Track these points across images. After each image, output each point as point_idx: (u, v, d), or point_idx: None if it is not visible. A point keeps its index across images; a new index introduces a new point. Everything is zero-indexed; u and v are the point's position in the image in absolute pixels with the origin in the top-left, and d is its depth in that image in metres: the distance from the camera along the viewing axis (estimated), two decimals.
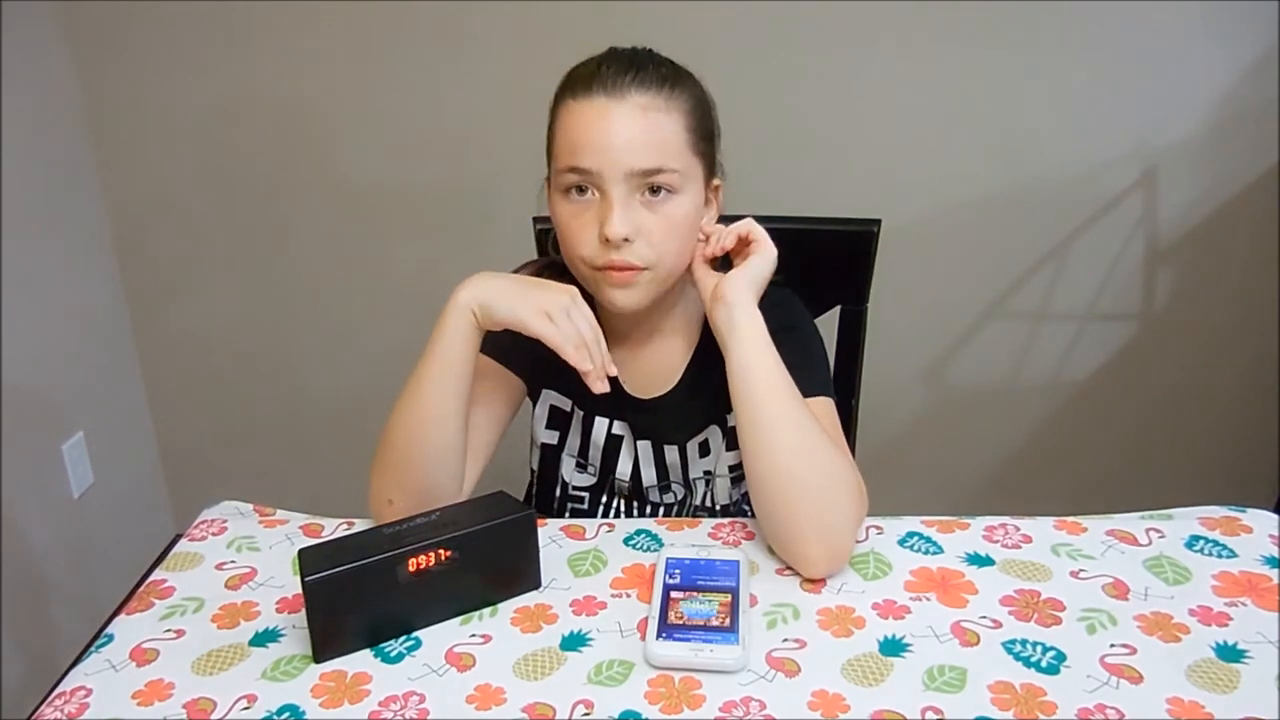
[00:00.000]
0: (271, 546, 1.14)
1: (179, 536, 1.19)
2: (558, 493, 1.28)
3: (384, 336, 2.47)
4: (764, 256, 1.12)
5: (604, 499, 1.29)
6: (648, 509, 1.29)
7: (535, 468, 1.29)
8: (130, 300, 2.52)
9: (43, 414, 2.24)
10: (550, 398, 1.25)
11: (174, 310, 2.53)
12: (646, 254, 1.09)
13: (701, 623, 0.96)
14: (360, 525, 1.17)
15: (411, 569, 0.97)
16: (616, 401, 1.24)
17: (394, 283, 2.45)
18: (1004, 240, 2.38)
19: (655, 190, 1.08)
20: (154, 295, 2.52)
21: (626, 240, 1.07)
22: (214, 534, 1.17)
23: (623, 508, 1.29)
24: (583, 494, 1.29)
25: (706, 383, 1.20)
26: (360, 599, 0.95)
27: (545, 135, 1.14)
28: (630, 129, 1.05)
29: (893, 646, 0.95)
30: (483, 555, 1.01)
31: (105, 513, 2.47)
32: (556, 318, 1.04)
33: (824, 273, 1.42)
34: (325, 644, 0.95)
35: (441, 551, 0.98)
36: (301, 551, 0.96)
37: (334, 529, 1.17)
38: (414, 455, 1.10)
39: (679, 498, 1.27)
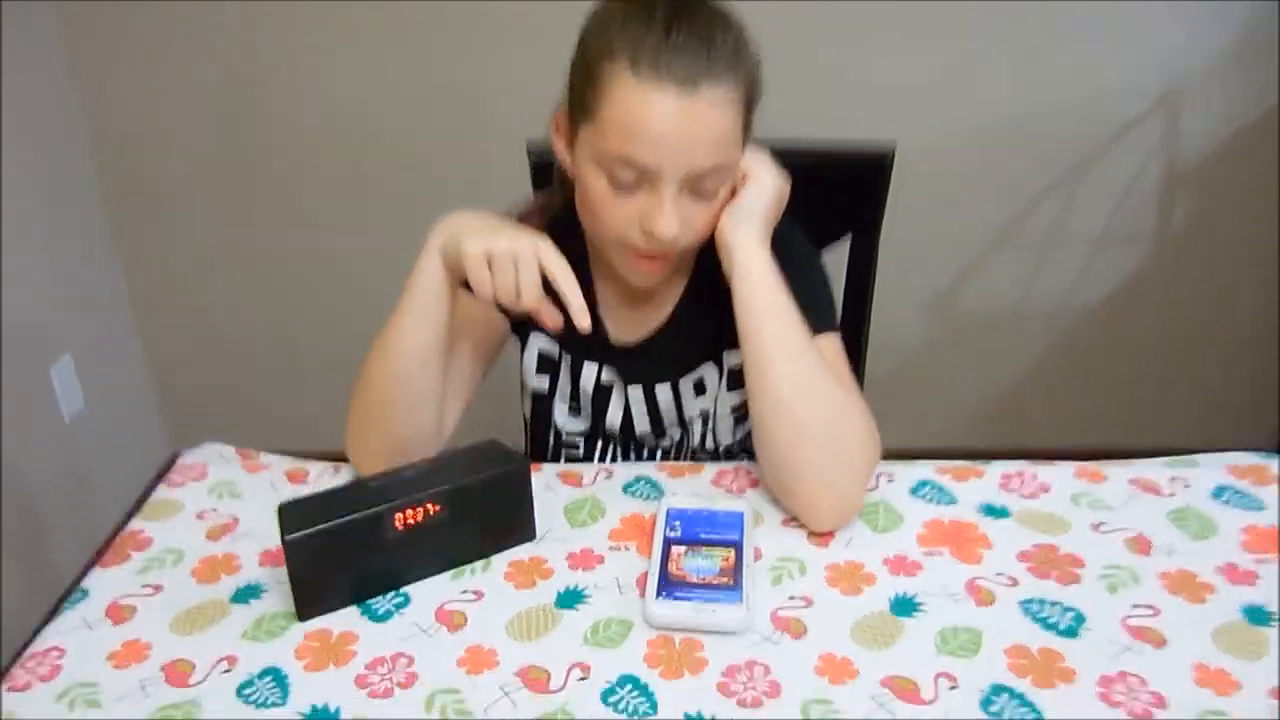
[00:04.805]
0: (254, 493, 1.10)
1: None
2: (552, 441, 1.23)
3: (376, 258, 2.39)
4: (757, 185, 1.03)
5: (599, 445, 1.23)
6: (645, 453, 1.24)
7: (528, 415, 1.24)
8: (114, 220, 2.44)
9: (29, 337, 2.18)
10: (538, 341, 1.19)
11: (160, 229, 2.45)
12: (684, 241, 1.02)
13: (703, 580, 0.91)
14: (347, 470, 1.12)
15: (399, 524, 0.92)
16: (602, 348, 1.18)
17: (386, 205, 2.37)
18: (1017, 164, 2.29)
19: (706, 183, 0.99)
20: (139, 214, 2.43)
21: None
22: (194, 479, 1.12)
23: (619, 454, 1.24)
24: (577, 440, 1.23)
25: (701, 319, 1.14)
26: (345, 556, 0.91)
27: (571, 72, 1.02)
28: (700, 130, 0.95)
29: (904, 606, 0.90)
30: (474, 508, 0.96)
31: (99, 435, 2.43)
32: (498, 265, 0.96)
33: (834, 201, 1.34)
34: (309, 602, 0.91)
35: (430, 505, 0.93)
36: (282, 507, 0.91)
37: (319, 474, 1.13)
38: (390, 402, 1.05)
39: (675, 440, 1.22)
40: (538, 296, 0.97)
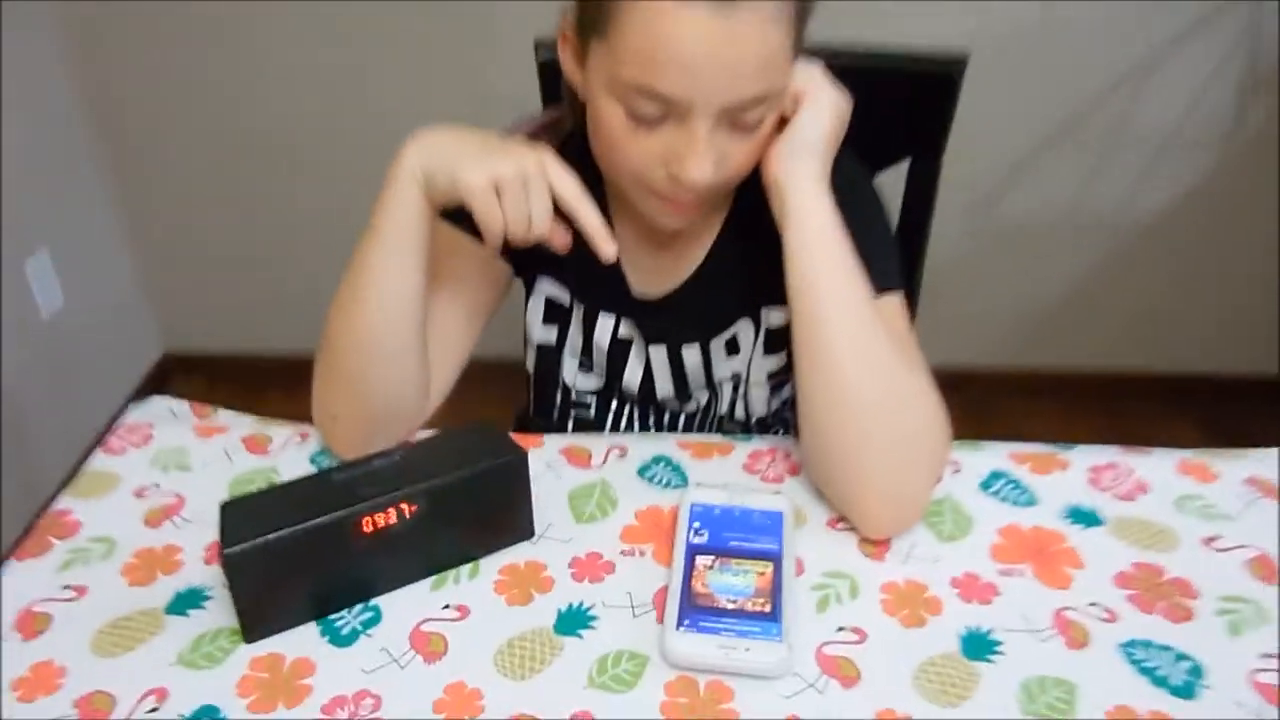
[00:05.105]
0: (205, 465, 0.93)
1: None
2: (559, 399, 1.06)
3: (374, 145, 2.19)
4: (814, 110, 0.83)
5: (614, 405, 1.06)
6: (665, 417, 1.06)
7: (531, 371, 1.06)
8: (92, 101, 2.25)
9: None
10: (546, 287, 1.01)
11: (142, 110, 2.25)
12: (719, 181, 0.83)
13: (735, 605, 0.75)
14: (315, 438, 0.96)
15: (366, 528, 0.76)
16: (621, 299, 1.00)
17: (384, 87, 2.16)
18: (1078, 56, 2.06)
19: (748, 114, 0.80)
20: (119, 94, 2.24)
21: None
22: (136, 445, 0.96)
23: (636, 416, 1.06)
24: (588, 399, 1.06)
25: (738, 267, 0.96)
26: (300, 569, 0.75)
27: None
28: (740, 54, 0.75)
29: (978, 645, 0.74)
30: (459, 508, 0.79)
31: (81, 333, 2.30)
32: (508, 194, 0.79)
33: (892, 119, 1.13)
34: (256, 622, 0.75)
35: (405, 506, 0.76)
36: (225, 507, 0.75)
37: (283, 443, 0.96)
38: (360, 365, 0.87)
39: (702, 405, 1.05)
40: (551, 222, 0.81)
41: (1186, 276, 2.33)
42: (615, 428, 1.07)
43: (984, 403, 2.27)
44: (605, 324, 1.00)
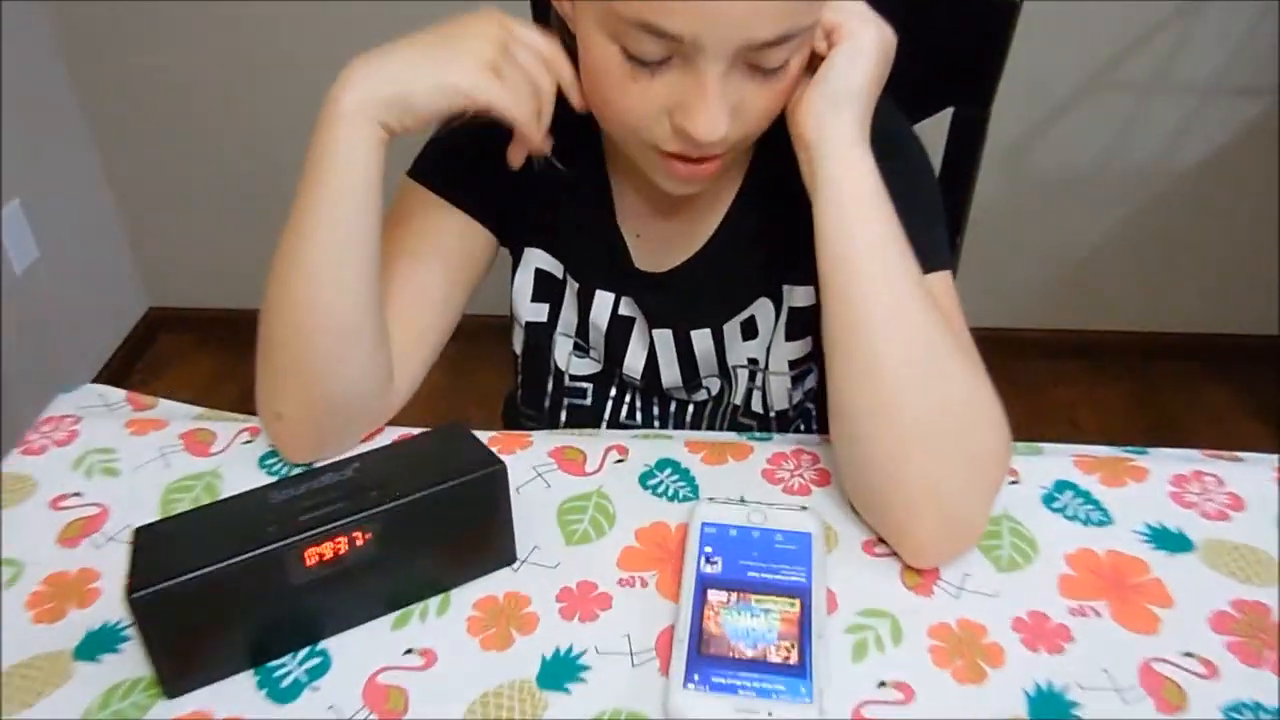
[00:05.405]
0: (136, 469, 0.80)
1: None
2: (550, 385, 0.92)
3: None
4: (853, 48, 0.69)
5: (613, 392, 0.93)
6: (671, 407, 0.93)
7: (519, 351, 0.93)
8: (65, 41, 2.11)
9: None
10: (535, 259, 0.87)
11: (118, 48, 2.11)
12: (736, 134, 0.69)
13: (756, 653, 0.62)
14: (264, 438, 0.82)
15: (311, 561, 0.63)
16: (621, 274, 0.86)
17: (377, 21, 2.01)
18: None
19: (770, 56, 0.66)
20: (92, 33, 2.10)
21: None
22: (58, 443, 0.83)
23: (639, 405, 0.93)
24: (584, 385, 0.93)
25: (755, 238, 0.83)
26: (229, 611, 0.62)
27: None
28: None
29: (1050, 706, 0.61)
30: (424, 533, 0.66)
31: (59, 288, 2.19)
32: (508, 71, 0.68)
33: (935, 64, 0.98)
34: (178, 675, 0.63)
35: (358, 535, 0.63)
36: (138, 536, 0.62)
37: (229, 440, 0.83)
38: (303, 344, 0.74)
39: (713, 394, 0.91)
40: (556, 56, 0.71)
41: (1225, 233, 2.18)
42: (614, 418, 0.94)
43: (1007, 366, 2.14)
44: (604, 301, 0.87)
